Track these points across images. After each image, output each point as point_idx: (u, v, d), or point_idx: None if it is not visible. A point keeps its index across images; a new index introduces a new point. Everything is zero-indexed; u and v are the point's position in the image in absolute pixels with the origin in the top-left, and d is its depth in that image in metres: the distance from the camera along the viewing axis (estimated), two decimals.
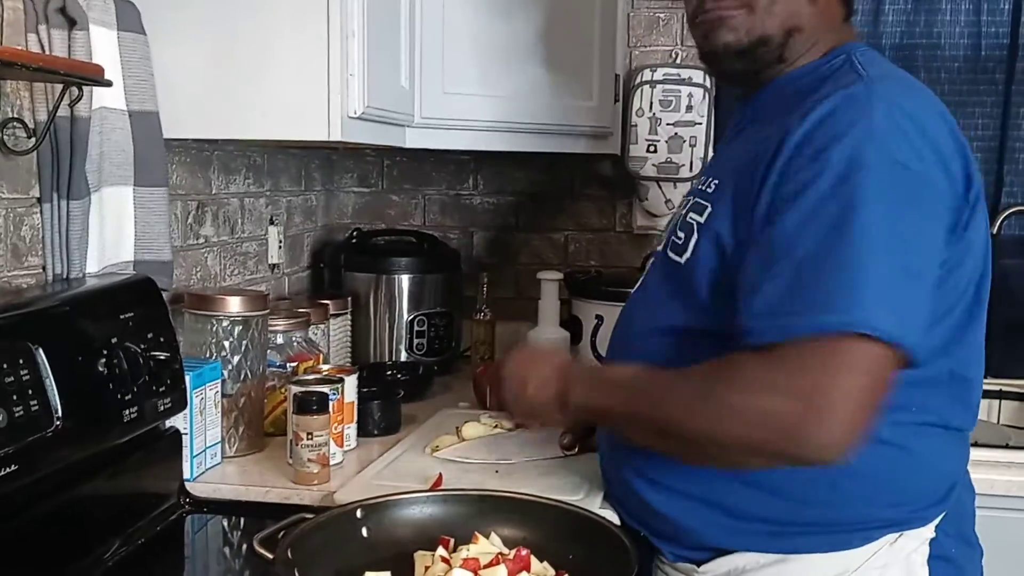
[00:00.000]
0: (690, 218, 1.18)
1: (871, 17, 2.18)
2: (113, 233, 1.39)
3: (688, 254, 1.15)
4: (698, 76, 2.18)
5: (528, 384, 1.21)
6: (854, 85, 1.07)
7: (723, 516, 1.15)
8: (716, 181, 1.17)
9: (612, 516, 1.26)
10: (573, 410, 1.19)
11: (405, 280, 2.12)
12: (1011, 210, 2.12)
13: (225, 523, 1.40)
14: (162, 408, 1.31)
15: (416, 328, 2.12)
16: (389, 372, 2.01)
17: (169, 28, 1.43)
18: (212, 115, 1.44)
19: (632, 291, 1.33)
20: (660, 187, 2.27)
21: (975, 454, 1.62)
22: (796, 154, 1.02)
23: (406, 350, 2.13)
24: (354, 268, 2.14)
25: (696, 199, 1.19)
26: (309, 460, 1.42)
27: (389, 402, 1.71)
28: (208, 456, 1.49)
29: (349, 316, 2.06)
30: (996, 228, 2.11)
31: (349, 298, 2.07)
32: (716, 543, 1.17)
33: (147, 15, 1.40)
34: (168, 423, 1.39)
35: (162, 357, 1.30)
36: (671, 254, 1.20)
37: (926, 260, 1.01)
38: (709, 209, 1.15)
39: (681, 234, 1.18)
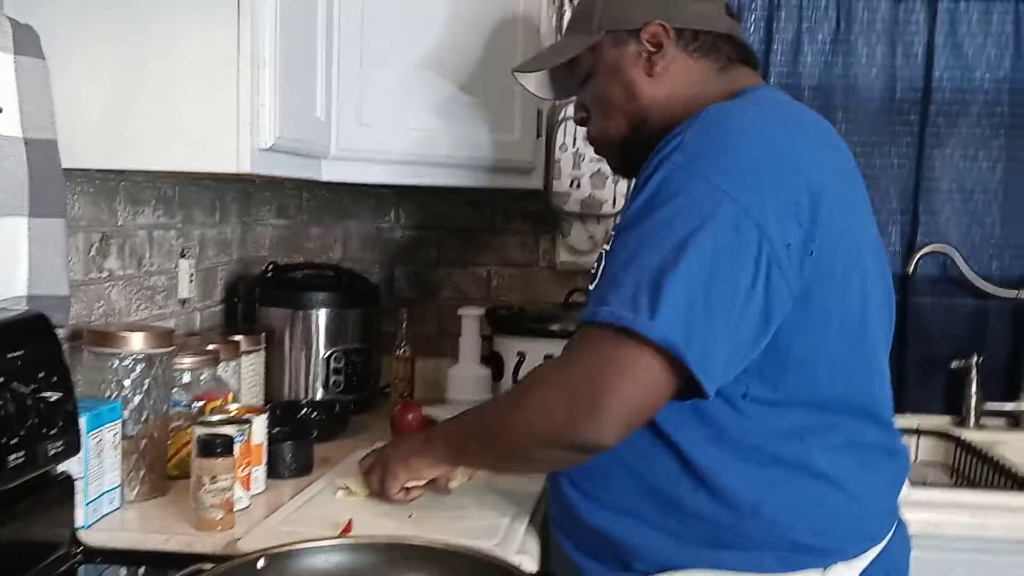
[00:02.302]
0: (603, 248, 1.20)
1: (791, 57, 2.21)
2: (4, 266, 1.32)
3: (596, 282, 1.19)
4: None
5: (399, 443, 1.42)
6: (695, 114, 1.12)
7: (648, 528, 1.16)
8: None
9: (528, 563, 1.23)
10: (436, 448, 1.33)
11: (322, 315, 2.07)
12: (925, 249, 2.15)
13: (122, 573, 1.32)
14: (53, 452, 1.24)
15: (333, 365, 2.06)
16: (303, 411, 1.95)
17: (71, 53, 1.36)
18: (115, 145, 1.38)
19: None
20: (583, 223, 2.26)
21: None
22: (641, 182, 1.11)
23: (323, 388, 2.06)
24: (269, 303, 2.08)
25: (612, 229, 1.25)
26: (212, 505, 1.35)
27: (301, 442, 1.65)
28: (105, 502, 1.41)
29: (263, 352, 1.99)
30: (912, 267, 2.14)
31: (263, 334, 2.00)
32: (645, 555, 1.17)
33: (47, 40, 1.33)
34: (61, 467, 1.32)
35: (53, 398, 1.23)
36: (590, 285, 1.22)
37: (706, 270, 1.01)
38: (612, 238, 1.19)
39: (595, 264, 1.20)
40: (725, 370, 1.04)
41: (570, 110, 2.18)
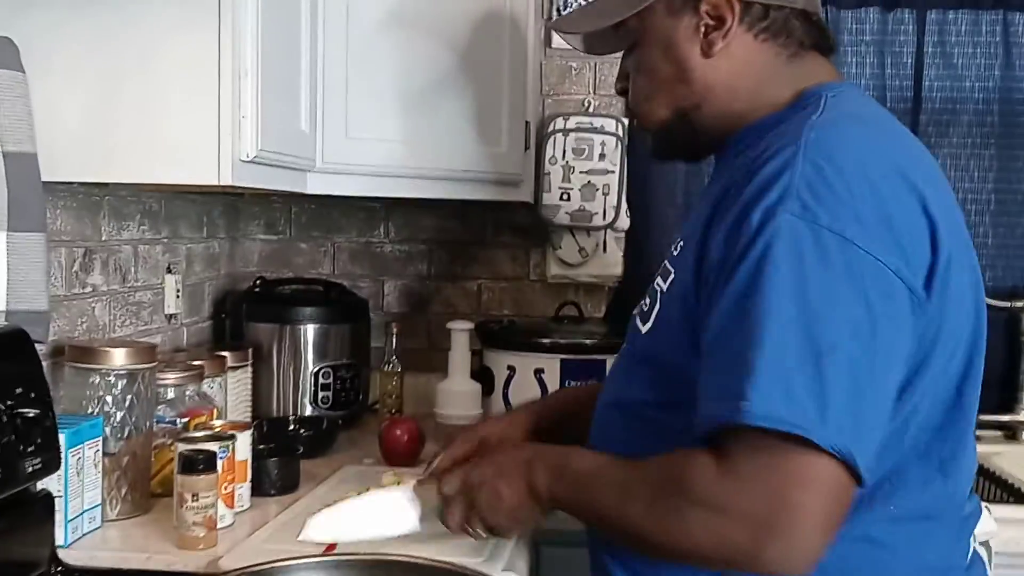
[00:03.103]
0: (657, 283, 1.10)
1: None
2: None
3: (650, 324, 1.08)
4: (610, 125, 2.17)
5: (502, 493, 1.09)
6: (789, 135, 0.96)
7: None
8: (682, 243, 1.08)
9: None
10: (543, 503, 1.07)
11: (310, 330, 2.05)
12: None
13: None
14: (31, 469, 1.21)
15: (321, 380, 2.04)
16: (291, 427, 1.93)
17: (50, 66, 1.35)
18: (95, 157, 1.36)
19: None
20: (574, 235, 2.25)
21: None
22: (728, 233, 0.94)
23: (311, 403, 2.04)
24: (256, 318, 2.06)
25: (665, 262, 1.10)
26: (194, 523, 1.33)
27: (287, 459, 1.63)
28: (86, 520, 1.39)
29: (250, 368, 1.97)
30: None
31: (250, 349, 1.98)
32: None
33: (27, 52, 1.32)
34: (40, 485, 1.30)
35: (31, 414, 1.20)
36: (638, 320, 1.12)
37: (865, 348, 0.87)
38: (672, 276, 1.06)
39: (648, 300, 1.11)
40: (876, 456, 0.90)
41: (559, 122, 2.17)
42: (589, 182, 2.17)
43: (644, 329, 1.09)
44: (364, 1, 1.70)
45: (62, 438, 1.31)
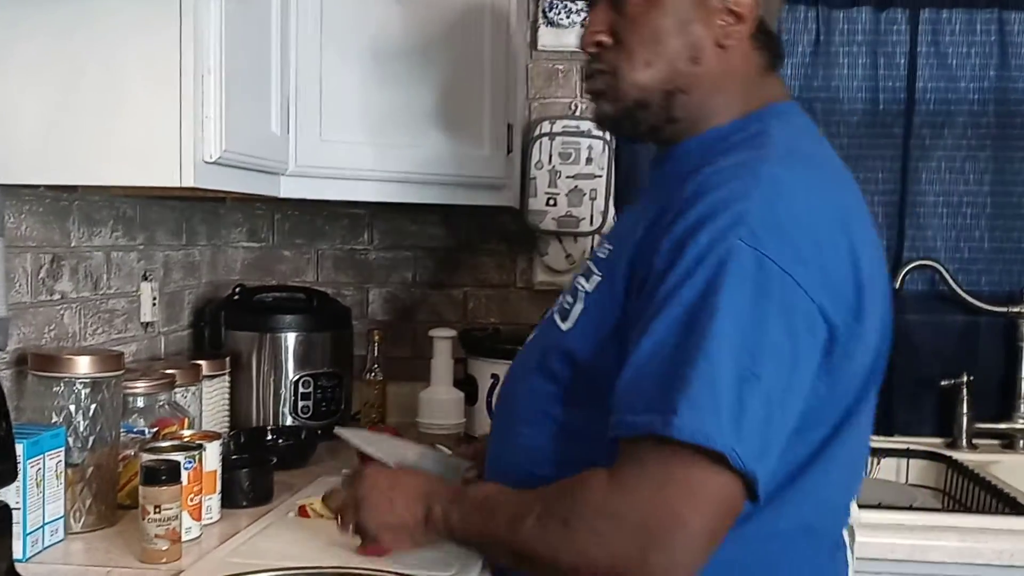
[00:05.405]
0: (578, 282, 1.11)
1: None
2: None
3: (571, 323, 1.09)
4: (598, 128, 2.13)
5: (395, 504, 1.13)
6: (745, 165, 0.98)
7: None
8: (611, 247, 1.11)
9: None
10: (436, 532, 1.10)
11: (290, 339, 2.01)
12: (912, 264, 2.09)
13: None
14: None
15: (302, 390, 2.00)
16: (269, 437, 1.89)
17: (5, 65, 1.32)
18: (53, 159, 1.32)
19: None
20: (561, 241, 2.21)
21: (878, 517, 1.57)
22: (672, 246, 0.95)
23: (291, 413, 2.00)
24: (235, 326, 2.02)
25: (589, 261, 1.13)
26: (157, 536, 1.29)
27: (260, 470, 1.58)
28: (47, 533, 1.35)
29: (227, 377, 1.93)
30: (899, 283, 2.08)
31: (228, 358, 1.94)
32: None
33: None
34: None
35: None
36: (557, 318, 1.13)
37: (784, 379, 0.91)
38: (598, 279, 1.08)
39: (570, 298, 1.11)
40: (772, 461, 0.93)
41: (545, 126, 2.13)
42: (576, 187, 2.13)
43: (564, 327, 1.09)
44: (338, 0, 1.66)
45: (20, 448, 1.27)
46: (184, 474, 1.35)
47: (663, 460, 0.89)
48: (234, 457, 1.59)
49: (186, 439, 1.48)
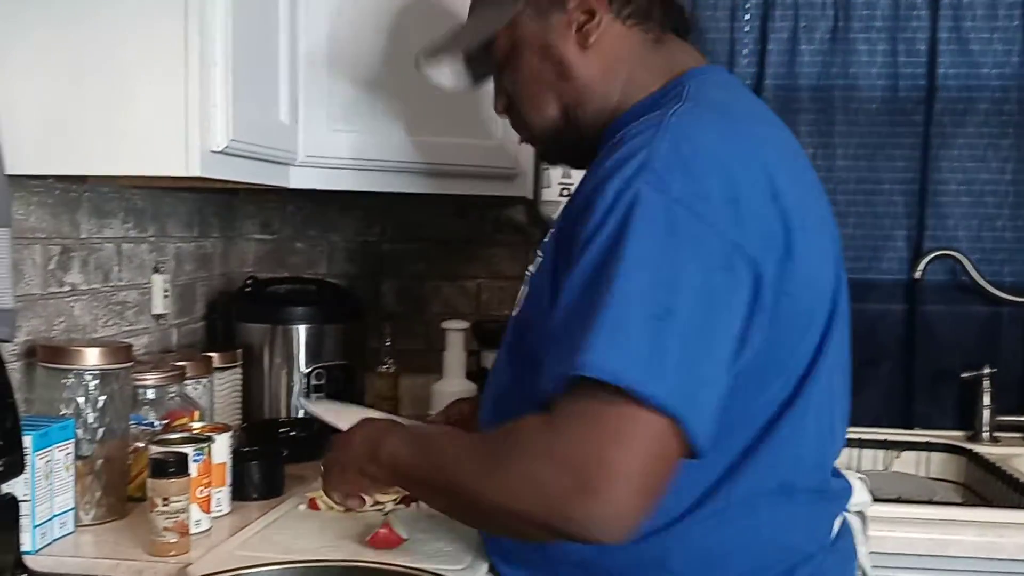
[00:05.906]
0: (528, 269, 1.13)
1: (787, 58, 2.13)
2: None
3: (517, 308, 1.12)
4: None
5: (351, 446, 1.16)
6: (652, 120, 0.99)
7: None
8: (553, 230, 1.12)
9: None
10: (382, 466, 1.10)
11: (302, 331, 2.00)
12: (933, 254, 2.06)
13: None
14: None
15: (314, 382, 1.99)
16: (281, 429, 1.88)
17: (10, 54, 1.31)
18: (58, 149, 1.31)
19: None
20: None
21: (896, 511, 1.55)
22: (586, 202, 0.96)
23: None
24: (247, 318, 2.01)
25: (537, 248, 1.15)
26: (165, 529, 1.28)
27: (270, 462, 1.57)
28: (56, 525, 1.35)
29: (239, 369, 1.92)
30: (919, 273, 2.05)
31: (239, 350, 1.93)
32: None
33: None
34: (4, 489, 1.25)
35: None
36: (515, 307, 1.16)
37: (701, 315, 0.89)
38: (539, 260, 1.11)
39: (523, 287, 1.14)
40: (713, 427, 0.90)
41: None
42: None
43: (515, 313, 1.11)
44: None
45: (28, 441, 1.27)
46: (193, 466, 1.34)
47: (587, 403, 0.87)
48: (245, 449, 1.58)
49: (195, 431, 1.47)
